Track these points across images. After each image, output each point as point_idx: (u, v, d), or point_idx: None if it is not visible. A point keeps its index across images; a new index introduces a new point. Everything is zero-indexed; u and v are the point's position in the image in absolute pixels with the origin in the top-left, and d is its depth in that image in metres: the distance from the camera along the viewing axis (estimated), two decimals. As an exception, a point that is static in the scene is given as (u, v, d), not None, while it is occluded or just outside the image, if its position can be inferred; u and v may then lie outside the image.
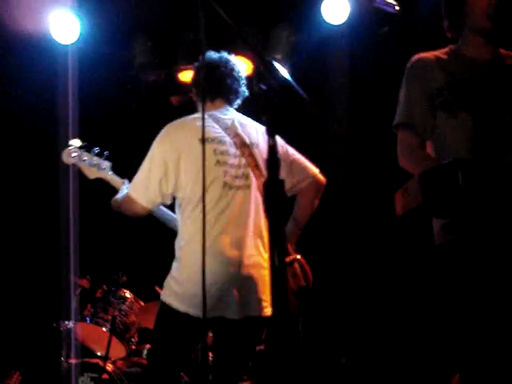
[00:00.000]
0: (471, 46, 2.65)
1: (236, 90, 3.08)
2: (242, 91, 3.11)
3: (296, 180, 3.07)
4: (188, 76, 5.15)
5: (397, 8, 4.85)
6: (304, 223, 3.13)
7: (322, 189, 3.16)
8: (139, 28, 5.26)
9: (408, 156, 2.59)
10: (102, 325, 4.38)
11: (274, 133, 1.48)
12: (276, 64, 1.55)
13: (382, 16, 4.95)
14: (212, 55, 3.07)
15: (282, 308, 1.47)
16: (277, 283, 1.46)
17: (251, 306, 2.82)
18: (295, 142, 3.12)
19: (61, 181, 4.92)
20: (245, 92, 3.12)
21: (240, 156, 2.93)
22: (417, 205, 2.01)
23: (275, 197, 1.44)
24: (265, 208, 1.46)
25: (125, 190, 3.13)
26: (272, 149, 1.45)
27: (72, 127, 4.82)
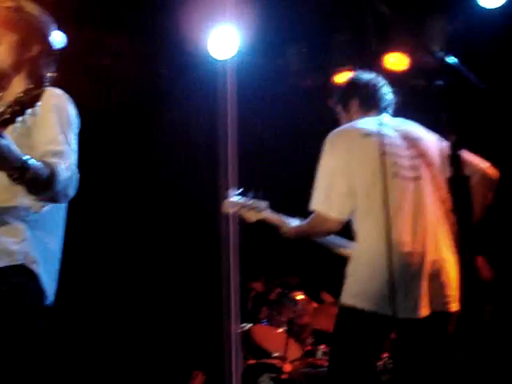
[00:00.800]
0: None
1: (389, 102, 3.14)
2: (392, 101, 3.16)
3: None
4: (343, 77, 5.13)
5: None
6: (477, 220, 3.02)
7: (495, 183, 3.05)
8: (292, 35, 5.35)
9: None
10: (278, 326, 4.51)
11: (455, 129, 1.47)
12: (450, 59, 1.54)
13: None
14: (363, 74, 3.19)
15: (473, 303, 1.46)
16: (467, 278, 1.45)
17: (439, 302, 2.75)
18: (475, 136, 3.03)
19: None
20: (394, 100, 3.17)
21: (407, 148, 2.93)
22: None
23: (461, 193, 1.43)
24: (451, 204, 1.45)
25: (295, 222, 3.14)
26: (454, 145, 1.44)
27: (231, 149, 4.87)
